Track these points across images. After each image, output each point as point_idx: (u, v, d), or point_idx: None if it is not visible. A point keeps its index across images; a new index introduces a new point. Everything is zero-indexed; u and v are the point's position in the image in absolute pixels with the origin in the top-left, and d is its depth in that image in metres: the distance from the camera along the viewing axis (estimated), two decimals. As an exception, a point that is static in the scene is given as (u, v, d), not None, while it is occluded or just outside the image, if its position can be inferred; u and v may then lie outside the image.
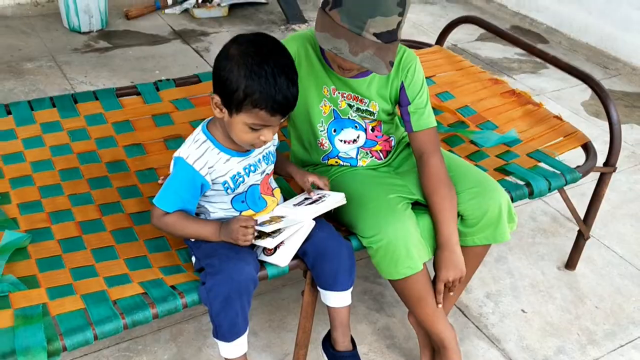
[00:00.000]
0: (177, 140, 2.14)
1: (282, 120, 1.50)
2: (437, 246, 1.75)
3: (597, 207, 2.31)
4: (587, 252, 2.50)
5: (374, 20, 1.55)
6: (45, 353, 1.37)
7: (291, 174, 1.77)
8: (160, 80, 2.37)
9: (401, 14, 1.58)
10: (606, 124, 2.20)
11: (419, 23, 4.58)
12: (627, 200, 2.93)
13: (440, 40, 2.85)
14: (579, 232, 2.38)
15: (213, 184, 1.58)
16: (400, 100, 1.80)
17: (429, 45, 2.85)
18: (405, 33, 1.80)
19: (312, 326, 1.80)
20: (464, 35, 4.28)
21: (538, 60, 4.15)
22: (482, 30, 4.40)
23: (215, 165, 1.56)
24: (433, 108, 1.91)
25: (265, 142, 1.52)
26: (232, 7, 4.47)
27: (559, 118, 2.38)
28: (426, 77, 1.88)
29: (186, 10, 4.41)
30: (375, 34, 1.57)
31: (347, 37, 1.58)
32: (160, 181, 1.94)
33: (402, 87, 1.77)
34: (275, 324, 2.13)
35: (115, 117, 2.19)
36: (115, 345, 2.02)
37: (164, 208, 1.56)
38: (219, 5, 4.41)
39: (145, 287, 1.56)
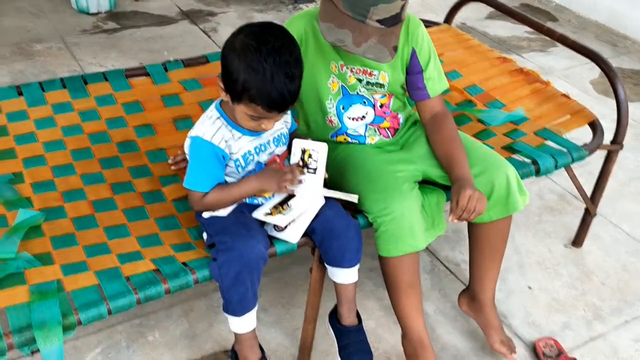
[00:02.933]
0: (186, 121, 2.16)
1: (282, 115, 1.54)
2: (454, 182, 1.72)
3: (604, 185, 2.32)
4: (594, 230, 2.52)
5: (376, 7, 1.57)
6: (61, 327, 1.40)
7: None
8: (169, 61, 2.39)
9: None
10: (613, 103, 2.20)
11: (427, 2, 4.56)
12: (635, 178, 2.94)
13: (449, 18, 2.85)
14: (586, 209, 2.39)
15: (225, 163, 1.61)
16: (412, 68, 1.82)
17: (437, 24, 2.84)
18: (413, 12, 1.81)
19: (320, 302, 1.83)
20: (473, 13, 4.26)
21: (547, 38, 4.13)
22: (491, 9, 4.39)
23: (230, 141, 1.58)
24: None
25: (266, 129, 1.55)
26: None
27: (566, 96, 2.39)
28: (434, 56, 1.90)
29: (194, -9, 4.41)
30: (378, 20, 1.59)
31: (351, 26, 1.60)
32: (170, 161, 1.97)
33: (413, 54, 1.80)
34: (285, 301, 2.17)
35: (125, 98, 2.21)
36: (128, 321, 2.06)
37: (200, 189, 1.58)
38: (226, -15, 4.40)
39: (157, 263, 1.59)
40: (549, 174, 2.07)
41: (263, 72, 1.42)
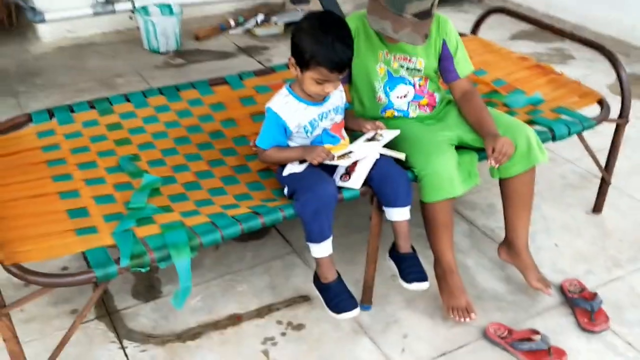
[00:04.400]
0: (261, 116, 2.62)
1: (340, 77, 1.99)
2: (485, 136, 2.17)
3: (615, 155, 2.72)
4: (612, 201, 2.91)
5: (411, 4, 2.06)
6: (189, 247, 1.86)
7: (358, 125, 2.23)
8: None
9: None
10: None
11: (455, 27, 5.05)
12: (648, 159, 3.33)
13: (475, 30, 3.32)
14: (602, 179, 2.79)
15: (296, 129, 2.07)
16: (443, 55, 2.28)
17: (464, 35, 3.31)
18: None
19: (379, 244, 2.25)
20: (495, 35, 4.72)
21: (565, 53, 4.60)
22: (512, 32, 4.87)
23: (297, 112, 2.06)
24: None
25: (328, 93, 2.02)
26: (288, 25, 5.03)
27: (577, 82, 2.81)
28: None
29: (247, 30, 4.99)
30: (412, 14, 2.07)
31: (391, 18, 2.09)
32: (251, 144, 2.44)
33: (443, 44, 2.27)
34: (347, 260, 2.55)
35: (210, 100, 2.71)
36: (221, 278, 2.51)
37: (262, 146, 2.08)
38: (276, 24, 4.99)
39: (253, 208, 2.04)
40: (563, 139, 2.47)
41: (326, 42, 1.91)
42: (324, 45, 1.92)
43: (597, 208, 2.87)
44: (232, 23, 4.99)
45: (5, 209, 2.00)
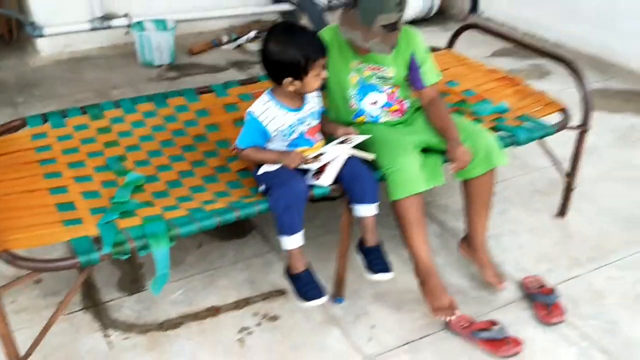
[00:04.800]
0: (243, 121, 2.80)
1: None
2: (448, 142, 2.34)
3: (578, 160, 2.87)
4: (578, 205, 3.06)
5: (380, 16, 2.24)
6: (167, 237, 2.01)
7: (332, 129, 2.39)
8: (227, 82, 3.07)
9: (400, 11, 2.26)
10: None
11: (437, 45, 5.23)
12: (614, 169, 3.46)
13: (450, 45, 3.50)
14: (567, 183, 2.94)
15: (275, 133, 2.23)
16: (412, 66, 2.46)
17: (440, 49, 3.49)
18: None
19: (349, 240, 2.39)
20: (477, 52, 4.90)
21: (544, 69, 4.78)
22: (494, 48, 5.06)
23: (276, 117, 2.22)
24: (441, 92, 2.58)
25: (326, 77, 2.21)
26: (278, 41, 5.21)
27: (542, 93, 2.98)
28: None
29: (239, 46, 5.18)
30: (381, 26, 2.24)
31: (361, 29, 2.27)
32: (232, 148, 2.60)
33: (412, 55, 2.44)
34: (321, 257, 2.69)
35: (196, 107, 2.87)
36: (203, 273, 2.65)
37: (240, 146, 2.24)
38: (266, 40, 5.18)
39: (230, 204, 2.20)
40: (525, 144, 2.63)
41: (305, 39, 2.11)
42: (306, 43, 2.11)
43: (562, 212, 3.02)
44: (225, 39, 5.18)
45: (-1, 202, 2.16)
